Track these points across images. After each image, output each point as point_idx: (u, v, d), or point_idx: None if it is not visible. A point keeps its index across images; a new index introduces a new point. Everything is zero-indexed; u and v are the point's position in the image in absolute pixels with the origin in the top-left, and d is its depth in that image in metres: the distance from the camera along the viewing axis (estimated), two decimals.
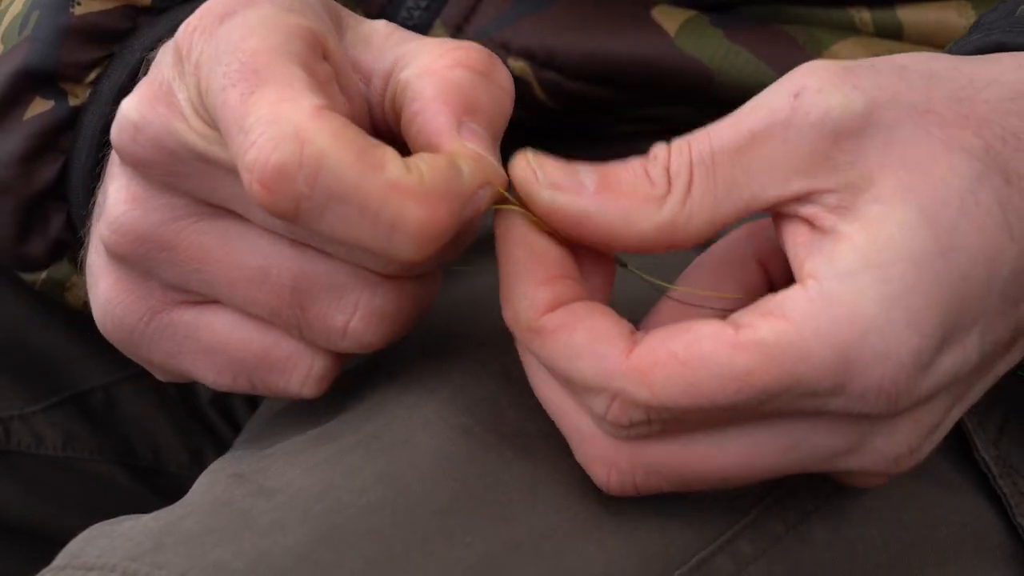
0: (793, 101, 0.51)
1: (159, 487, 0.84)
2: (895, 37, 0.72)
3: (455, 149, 0.53)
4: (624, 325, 0.51)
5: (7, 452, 0.81)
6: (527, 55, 0.73)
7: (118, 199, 0.55)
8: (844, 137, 0.51)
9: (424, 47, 0.56)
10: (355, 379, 0.59)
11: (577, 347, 0.51)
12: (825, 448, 0.52)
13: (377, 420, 0.56)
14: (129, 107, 0.54)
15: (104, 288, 0.58)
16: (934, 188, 0.50)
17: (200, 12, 0.54)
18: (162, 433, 0.85)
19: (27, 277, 0.70)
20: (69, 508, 0.82)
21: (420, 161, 0.51)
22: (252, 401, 0.86)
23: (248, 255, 0.55)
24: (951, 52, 0.58)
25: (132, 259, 0.56)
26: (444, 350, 0.60)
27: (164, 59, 0.55)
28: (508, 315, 0.52)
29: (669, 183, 0.51)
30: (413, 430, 0.55)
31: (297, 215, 0.50)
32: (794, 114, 0.51)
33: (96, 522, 0.56)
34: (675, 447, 0.52)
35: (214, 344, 0.57)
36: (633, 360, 0.50)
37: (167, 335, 0.58)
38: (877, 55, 0.70)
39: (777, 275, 0.55)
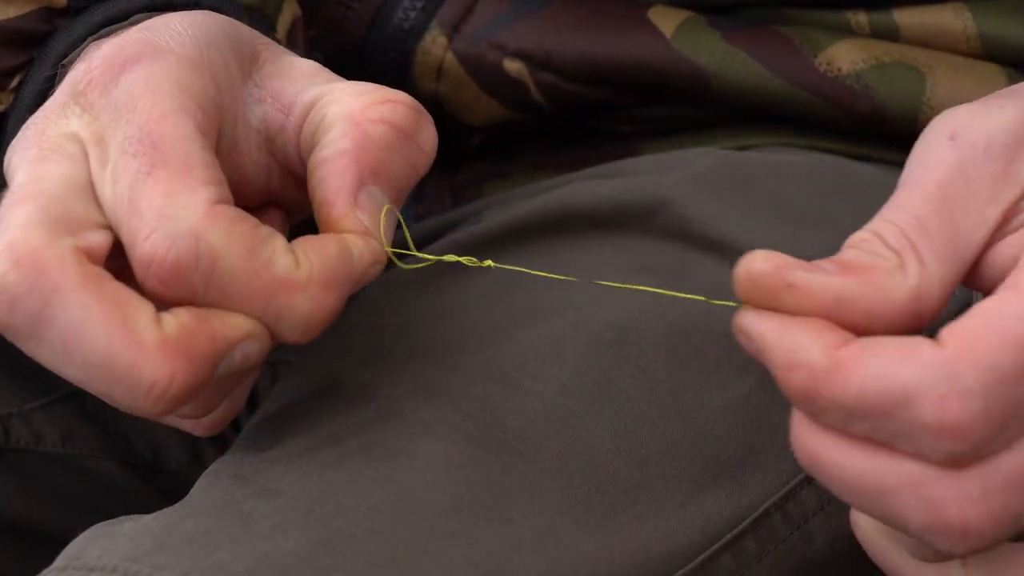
0: (952, 143, 0.50)
1: (158, 485, 0.84)
2: (891, 39, 0.72)
3: (345, 224, 0.54)
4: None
5: (6, 450, 0.81)
6: (524, 56, 0.73)
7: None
8: (1015, 149, 0.50)
9: (355, 90, 0.56)
10: (356, 386, 0.60)
11: (889, 360, 0.47)
12: None
13: (379, 426, 0.56)
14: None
15: None
16: None
17: (100, 60, 0.54)
18: (161, 430, 0.85)
19: None
20: (68, 506, 0.82)
21: (311, 251, 0.52)
22: (251, 399, 0.86)
23: None
24: None
25: None
26: (444, 356, 0.60)
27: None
28: (799, 377, 0.48)
29: (898, 255, 0.49)
30: (414, 436, 0.55)
31: (191, 302, 0.51)
32: (962, 153, 0.50)
33: (95, 520, 0.56)
34: (1018, 452, 0.47)
35: None
36: (951, 341, 0.47)
37: None
38: (874, 55, 0.71)
39: None
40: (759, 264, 0.49)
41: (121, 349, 0.49)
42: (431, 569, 0.51)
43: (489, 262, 0.58)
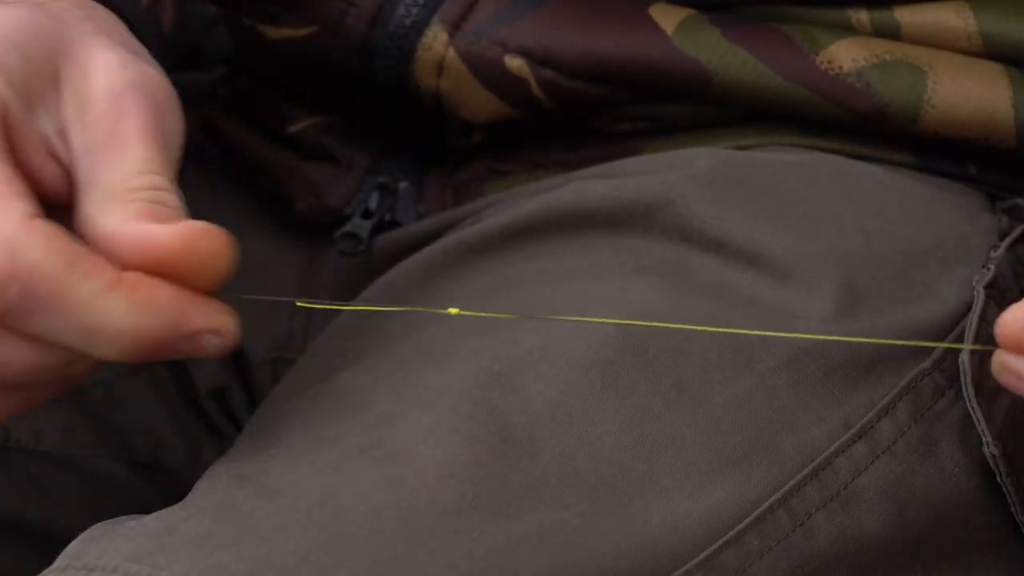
0: None
1: (157, 483, 0.84)
2: (893, 37, 0.72)
3: None
4: None
5: (5, 448, 0.81)
6: (525, 53, 0.73)
7: None
8: None
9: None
10: (357, 386, 0.60)
11: None
12: None
13: (380, 428, 0.56)
14: None
15: None
16: None
17: None
18: (161, 428, 0.85)
19: None
20: (68, 504, 0.82)
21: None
22: (251, 396, 0.86)
23: None
24: None
25: None
26: (446, 356, 0.60)
27: None
28: None
29: None
30: (416, 438, 0.55)
31: (5, 321, 0.51)
32: None
33: (95, 520, 0.56)
34: None
35: None
36: None
37: None
38: (875, 53, 0.71)
39: None
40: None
41: None
42: (434, 567, 0.52)
43: (455, 309, 0.58)
